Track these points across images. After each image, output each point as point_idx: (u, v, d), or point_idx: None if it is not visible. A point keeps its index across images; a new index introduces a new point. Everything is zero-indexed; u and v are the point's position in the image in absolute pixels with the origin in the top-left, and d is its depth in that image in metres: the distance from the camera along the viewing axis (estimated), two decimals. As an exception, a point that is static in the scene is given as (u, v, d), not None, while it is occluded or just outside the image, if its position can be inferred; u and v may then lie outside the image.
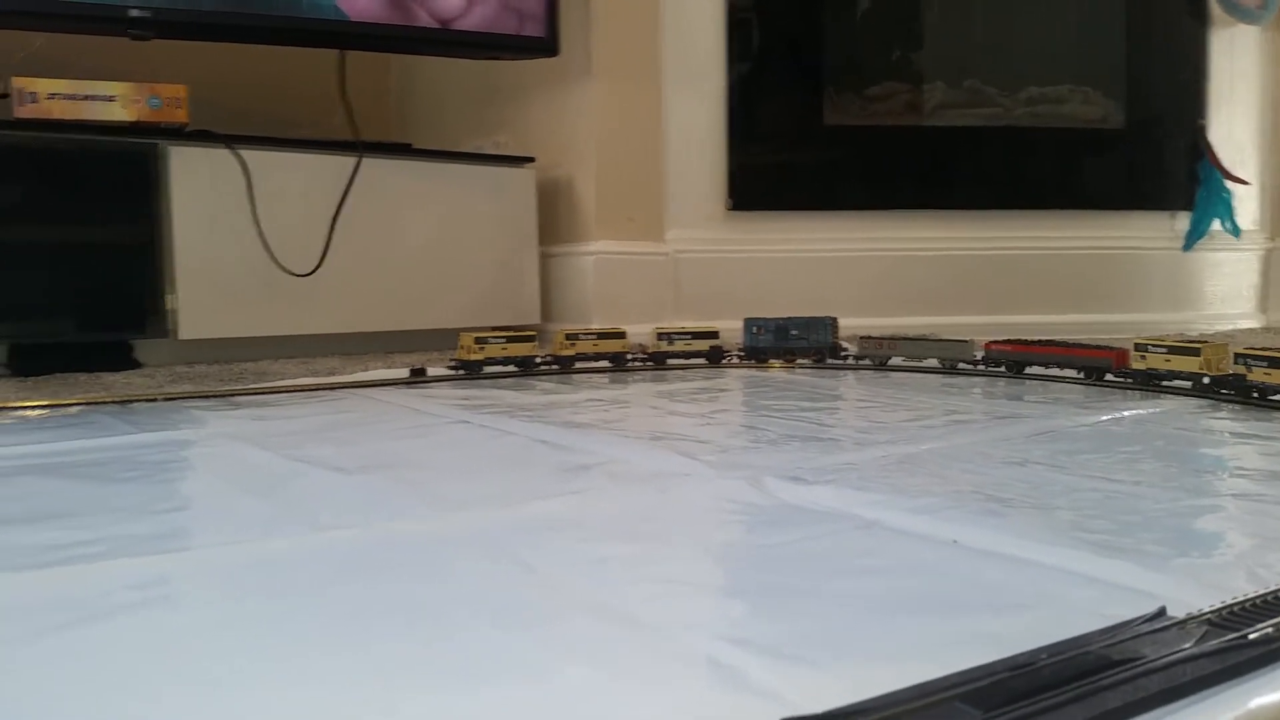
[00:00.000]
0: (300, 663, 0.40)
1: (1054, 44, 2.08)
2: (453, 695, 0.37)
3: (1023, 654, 0.37)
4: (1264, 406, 1.03)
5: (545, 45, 1.73)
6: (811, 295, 1.89)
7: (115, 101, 1.48)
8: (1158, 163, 2.15)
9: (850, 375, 1.37)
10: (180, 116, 1.51)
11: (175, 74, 1.55)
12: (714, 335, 1.48)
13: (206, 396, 1.15)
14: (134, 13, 1.43)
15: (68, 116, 1.45)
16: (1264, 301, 2.23)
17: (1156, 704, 0.35)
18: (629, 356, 1.44)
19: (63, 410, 1.05)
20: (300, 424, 0.98)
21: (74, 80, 1.45)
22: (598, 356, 1.42)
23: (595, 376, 1.37)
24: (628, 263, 1.88)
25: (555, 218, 1.92)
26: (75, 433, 0.91)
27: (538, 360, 1.39)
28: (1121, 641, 0.39)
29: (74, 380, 1.29)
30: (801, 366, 1.44)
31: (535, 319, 1.84)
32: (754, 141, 1.96)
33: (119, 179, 1.48)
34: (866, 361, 1.44)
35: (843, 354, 1.47)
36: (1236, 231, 2.14)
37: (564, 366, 1.40)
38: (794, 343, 1.46)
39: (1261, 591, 0.44)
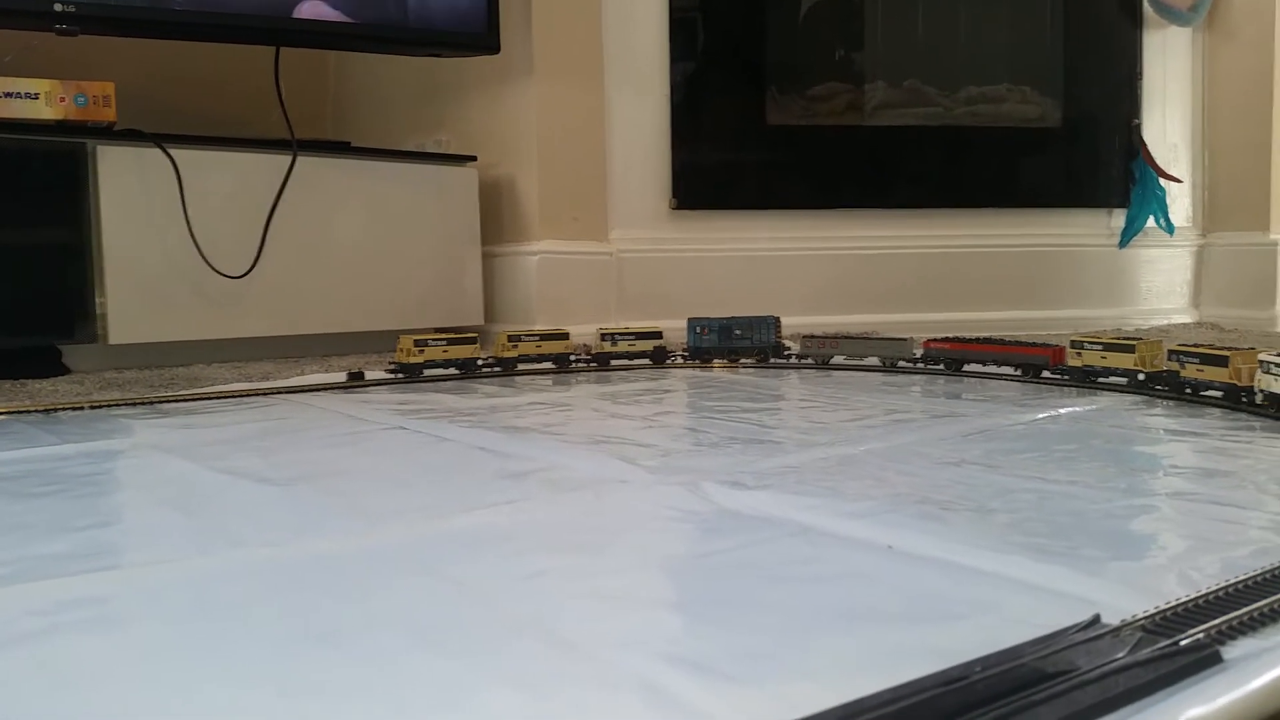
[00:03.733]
0: (214, 691, 0.38)
1: (992, 44, 2.10)
2: (371, 724, 0.36)
3: (955, 668, 0.36)
4: (1196, 403, 1.04)
5: (486, 43, 1.70)
6: (755, 294, 1.89)
7: (39, 99, 1.43)
8: (1094, 161, 2.19)
9: (793, 375, 1.37)
10: (108, 115, 1.47)
11: (102, 71, 1.50)
12: (658, 335, 1.47)
13: (134, 404, 1.11)
14: (59, 6, 1.39)
15: (-12, 115, 1.40)
16: (1196, 297, 2.28)
17: (1089, 717, 0.35)
18: (572, 358, 1.43)
19: (-19, 421, 1.01)
20: (230, 432, 0.95)
21: (-6, 77, 1.41)
22: (541, 358, 1.41)
23: (538, 378, 1.35)
24: (571, 262, 1.86)
25: (498, 217, 1.90)
26: (-8, 445, 0.88)
27: (479, 363, 1.37)
28: (1055, 652, 0.38)
29: (-4, 388, 1.25)
30: (745, 366, 1.44)
31: (478, 320, 1.81)
32: (697, 141, 1.96)
33: (45, 179, 1.44)
34: (809, 360, 1.44)
35: (785, 353, 1.47)
36: (1170, 228, 2.18)
37: (506, 369, 1.38)
38: (737, 342, 1.46)
39: (1193, 595, 0.45)
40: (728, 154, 2.00)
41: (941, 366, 1.32)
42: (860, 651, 0.42)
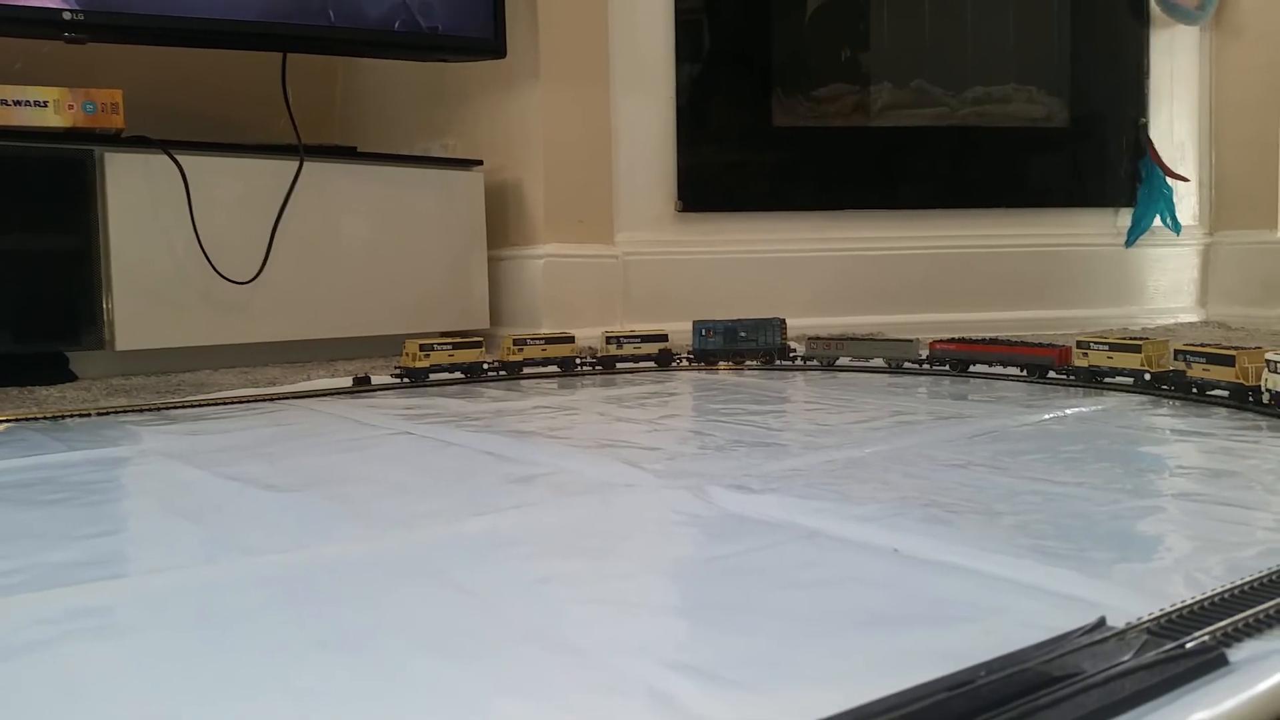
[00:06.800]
0: (222, 700, 0.38)
1: (998, 44, 2.10)
2: (378, 731, 0.36)
3: (961, 672, 0.36)
4: (1203, 402, 1.04)
5: (492, 47, 1.71)
6: (761, 296, 1.89)
7: (48, 107, 1.44)
8: (1100, 160, 2.18)
9: (798, 376, 1.37)
10: (116, 122, 1.48)
11: (110, 78, 1.51)
12: (663, 338, 1.48)
13: (141, 410, 1.12)
14: (67, 15, 1.39)
15: (-3, 123, 1.40)
16: (1203, 296, 2.27)
17: (1095, 721, 0.35)
18: (578, 361, 1.43)
19: (-10, 428, 1.01)
20: (237, 438, 0.95)
21: (3, 85, 1.41)
22: (546, 362, 1.41)
23: (544, 382, 1.35)
24: (577, 265, 1.86)
25: (504, 221, 1.91)
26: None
27: (485, 367, 1.37)
28: (1061, 656, 0.38)
29: (5, 395, 1.25)
30: (750, 369, 1.44)
31: (484, 324, 1.82)
32: (703, 143, 1.96)
33: (53, 187, 1.44)
34: (814, 362, 1.44)
35: (791, 355, 1.47)
36: (1177, 228, 2.17)
37: (512, 373, 1.38)
38: (742, 345, 1.46)
39: (1198, 597, 0.44)
40: (733, 156, 2.00)
41: (947, 368, 1.32)
42: (866, 656, 0.42)
